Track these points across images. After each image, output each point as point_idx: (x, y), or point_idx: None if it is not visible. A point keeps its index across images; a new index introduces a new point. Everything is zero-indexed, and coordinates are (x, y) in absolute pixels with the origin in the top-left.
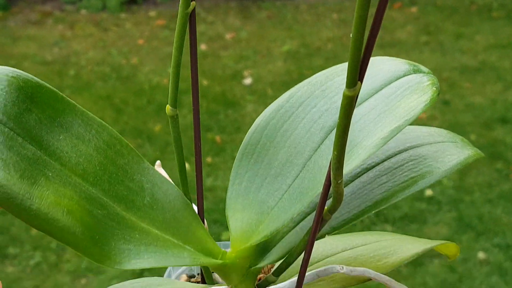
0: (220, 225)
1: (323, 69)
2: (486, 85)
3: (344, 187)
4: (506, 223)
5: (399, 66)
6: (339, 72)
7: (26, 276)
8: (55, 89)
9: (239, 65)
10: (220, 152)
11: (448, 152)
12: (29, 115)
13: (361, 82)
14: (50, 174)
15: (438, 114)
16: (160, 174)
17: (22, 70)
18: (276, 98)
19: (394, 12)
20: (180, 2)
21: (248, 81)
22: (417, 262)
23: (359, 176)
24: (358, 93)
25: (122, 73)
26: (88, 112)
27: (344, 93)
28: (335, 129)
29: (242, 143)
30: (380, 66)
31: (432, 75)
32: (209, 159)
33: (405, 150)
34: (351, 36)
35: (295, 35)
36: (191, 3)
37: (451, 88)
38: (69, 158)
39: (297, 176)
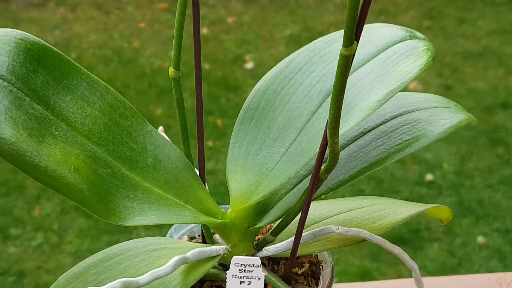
0: None
1: None
2: (488, 71)
3: (341, 150)
4: (506, 207)
5: (396, 32)
6: (337, 38)
7: (28, 257)
8: (61, 52)
9: (240, 49)
10: (222, 136)
11: (442, 116)
12: (37, 76)
13: (357, 42)
14: (57, 133)
15: None
16: (162, 137)
17: None
18: None
19: None
20: None
21: (249, 65)
22: (417, 246)
23: (356, 140)
24: (355, 52)
25: (124, 56)
26: (93, 75)
27: (341, 52)
28: None
29: (242, 107)
30: (378, 32)
31: (428, 41)
32: (210, 143)
33: (400, 114)
34: None
35: (297, 20)
36: None
37: (453, 73)
38: (75, 119)
39: (295, 139)
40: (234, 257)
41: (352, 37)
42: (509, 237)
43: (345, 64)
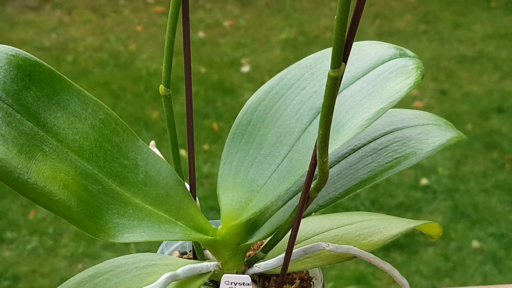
0: (216, 212)
1: None
2: (483, 75)
3: (331, 167)
4: (501, 212)
5: (386, 50)
6: (328, 55)
7: (23, 261)
8: (53, 68)
9: (237, 53)
10: (217, 140)
11: (431, 134)
12: (27, 92)
13: (345, 64)
14: (47, 150)
15: (435, 103)
16: (154, 153)
17: None
18: None
19: (393, 1)
20: None
21: (245, 69)
22: (412, 250)
23: (346, 157)
24: (343, 73)
25: (120, 59)
26: (85, 91)
27: (329, 73)
28: None
29: (234, 123)
30: (368, 50)
31: (418, 59)
32: (206, 146)
33: (390, 132)
34: (335, 18)
35: (293, 23)
36: None
37: (449, 77)
38: (65, 135)
39: (286, 156)
40: (224, 275)
41: (340, 58)
42: (504, 241)
43: (333, 85)
